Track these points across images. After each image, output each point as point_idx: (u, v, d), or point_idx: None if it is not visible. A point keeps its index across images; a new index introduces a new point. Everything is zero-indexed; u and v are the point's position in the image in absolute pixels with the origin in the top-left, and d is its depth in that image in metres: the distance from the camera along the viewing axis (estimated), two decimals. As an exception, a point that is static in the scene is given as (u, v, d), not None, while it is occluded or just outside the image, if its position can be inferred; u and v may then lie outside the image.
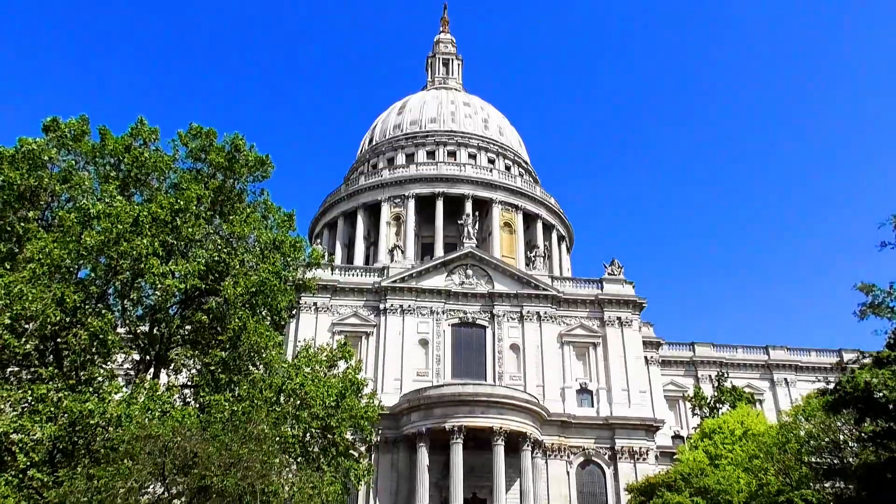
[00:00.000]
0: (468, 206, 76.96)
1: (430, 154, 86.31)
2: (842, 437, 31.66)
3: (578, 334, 61.93)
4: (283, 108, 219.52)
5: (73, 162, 27.02)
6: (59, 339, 23.02)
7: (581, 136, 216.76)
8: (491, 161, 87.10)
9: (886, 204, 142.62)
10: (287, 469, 24.14)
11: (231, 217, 28.51)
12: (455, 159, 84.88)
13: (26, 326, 22.52)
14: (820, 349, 77.58)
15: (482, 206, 79.46)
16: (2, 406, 21.29)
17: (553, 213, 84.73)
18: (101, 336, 22.23)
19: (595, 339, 61.65)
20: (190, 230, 25.41)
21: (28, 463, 20.38)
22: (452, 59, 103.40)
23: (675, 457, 55.19)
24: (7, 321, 20.92)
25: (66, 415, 20.65)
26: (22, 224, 24.79)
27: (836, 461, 31.05)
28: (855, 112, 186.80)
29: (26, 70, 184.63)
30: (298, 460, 26.68)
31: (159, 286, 23.80)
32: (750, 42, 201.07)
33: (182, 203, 25.07)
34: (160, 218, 24.40)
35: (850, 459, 29.24)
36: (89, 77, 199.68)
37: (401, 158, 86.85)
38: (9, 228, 24.68)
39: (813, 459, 33.82)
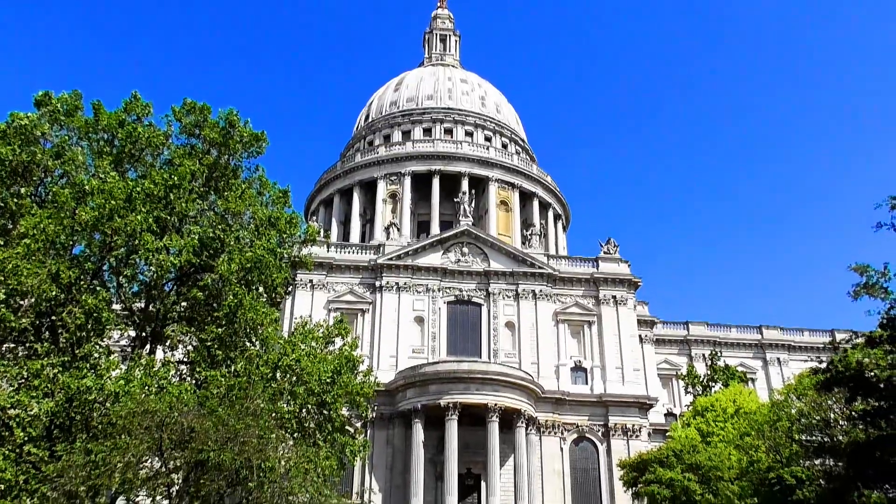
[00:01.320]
0: (465, 184, 76.83)
1: (427, 131, 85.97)
2: (832, 415, 32.03)
3: (573, 312, 62.21)
4: (278, 83, 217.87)
5: (67, 137, 26.81)
6: (54, 316, 23.02)
7: (578, 113, 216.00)
8: (488, 139, 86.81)
9: (883, 185, 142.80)
10: (283, 444, 24.31)
11: (226, 193, 28.44)
12: (452, 137, 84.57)
13: (21, 302, 22.51)
14: (813, 329, 78.20)
15: (479, 184, 79.33)
16: (-1, 382, 21.36)
17: (549, 192, 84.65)
18: (96, 313, 22.24)
19: (590, 317, 61.95)
20: (184, 206, 25.34)
21: (25, 438, 20.49)
22: (450, 35, 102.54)
23: (667, 434, 55.85)
24: (2, 297, 20.91)
25: (63, 390, 20.72)
26: (15, 200, 24.67)
27: (826, 439, 31.44)
28: (854, 90, 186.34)
29: (15, 43, 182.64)
30: (295, 436, 26.86)
31: (154, 262, 23.77)
32: (749, 17, 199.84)
33: (176, 179, 24.97)
34: (154, 194, 24.31)
35: (840, 437, 29.61)
36: (80, 51, 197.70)
37: (397, 135, 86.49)
38: (2, 204, 24.56)
39: (803, 437, 34.25)
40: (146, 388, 21.88)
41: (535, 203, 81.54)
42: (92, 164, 26.44)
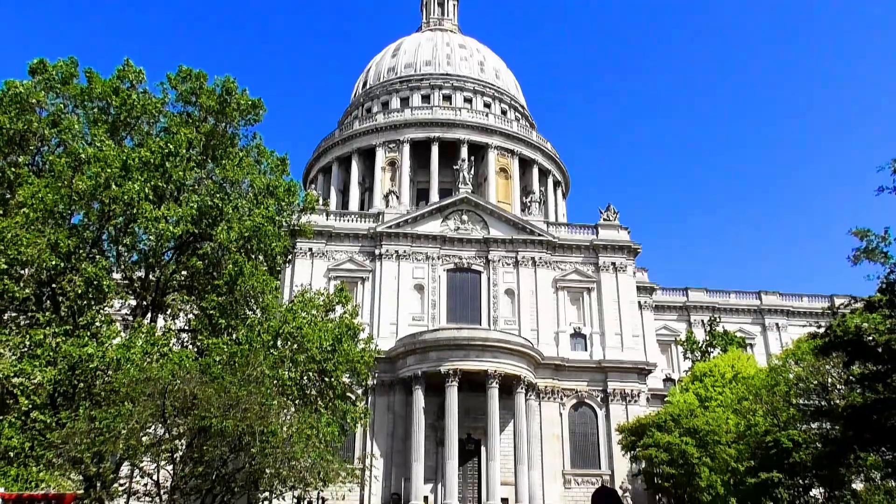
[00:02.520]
0: (464, 151, 76.40)
1: (426, 98, 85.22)
2: (830, 380, 32.27)
3: (573, 279, 62.31)
4: (274, 50, 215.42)
5: (62, 105, 26.60)
6: (55, 285, 23.06)
7: (578, 80, 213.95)
8: (487, 105, 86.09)
9: (885, 148, 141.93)
10: (285, 411, 24.51)
11: (223, 161, 28.29)
12: (450, 103, 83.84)
13: (22, 272, 22.53)
14: (812, 295, 78.40)
15: (478, 151, 78.87)
16: (1, 350, 21.45)
17: (549, 159, 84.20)
18: (96, 281, 22.26)
19: (589, 284, 62.07)
20: (181, 174, 25.22)
21: (30, 406, 20.67)
22: None
23: (666, 399, 56.39)
24: (3, 266, 20.91)
25: (65, 359, 20.83)
26: (13, 169, 24.57)
27: (823, 403, 31.74)
28: (855, 54, 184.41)
29: (4, 9, 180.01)
30: (296, 402, 27.08)
31: (152, 231, 23.73)
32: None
33: (172, 147, 24.81)
34: (151, 162, 24.16)
35: (838, 401, 29.87)
36: (73, 17, 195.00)
37: (395, 102, 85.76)
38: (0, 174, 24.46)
39: (801, 401, 34.56)
40: (148, 355, 22.01)
41: (535, 170, 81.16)
42: (88, 132, 26.24)
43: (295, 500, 35.71)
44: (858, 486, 38.26)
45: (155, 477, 21.95)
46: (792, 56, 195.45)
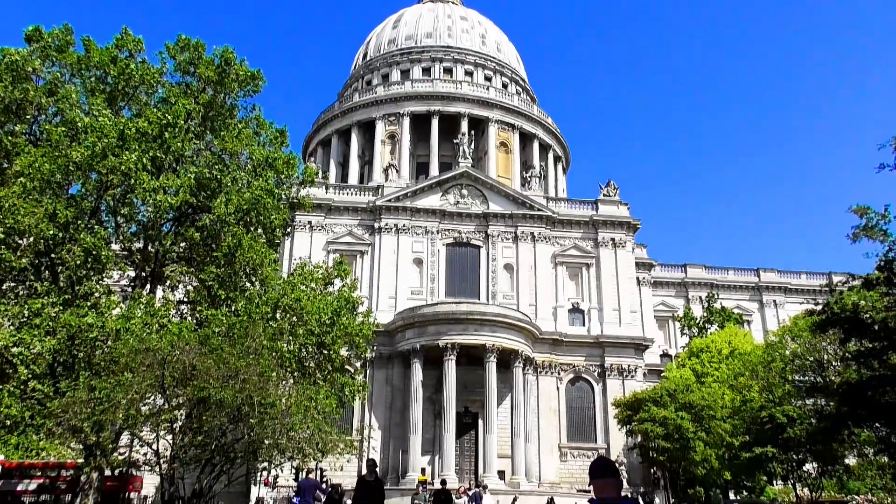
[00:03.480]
0: (464, 125, 75.97)
1: (426, 71, 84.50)
2: (826, 356, 32.40)
3: (572, 255, 62.35)
4: (273, 20, 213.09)
5: (59, 74, 26.33)
6: (53, 255, 23.04)
7: (579, 53, 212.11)
8: (488, 78, 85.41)
9: (887, 125, 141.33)
10: (284, 382, 24.62)
11: (222, 133, 28.10)
12: (451, 76, 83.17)
13: (20, 242, 22.49)
14: (810, 272, 78.55)
15: (478, 125, 78.44)
16: (0, 320, 21.48)
17: (550, 133, 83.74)
18: (94, 251, 22.23)
19: (588, 259, 62.12)
20: (179, 145, 25.06)
21: (29, 375, 20.74)
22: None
23: (662, 374, 56.75)
24: (1, 236, 20.87)
25: (64, 329, 20.87)
26: (9, 138, 24.39)
27: (818, 379, 31.90)
28: (859, 27, 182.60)
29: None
30: (295, 375, 27.20)
31: (150, 202, 23.64)
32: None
33: (171, 118, 24.60)
34: (148, 133, 23.99)
35: (833, 378, 30.04)
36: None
37: (395, 75, 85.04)
38: (-3, 143, 24.30)
39: (796, 378, 34.75)
40: (147, 326, 22.04)
41: (535, 145, 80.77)
42: (85, 101, 26.02)
43: (294, 471, 36.07)
44: (851, 461, 38.69)
45: (155, 446, 22.13)
46: (795, 30, 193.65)
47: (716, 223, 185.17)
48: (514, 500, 43.72)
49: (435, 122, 76.92)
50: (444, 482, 32.69)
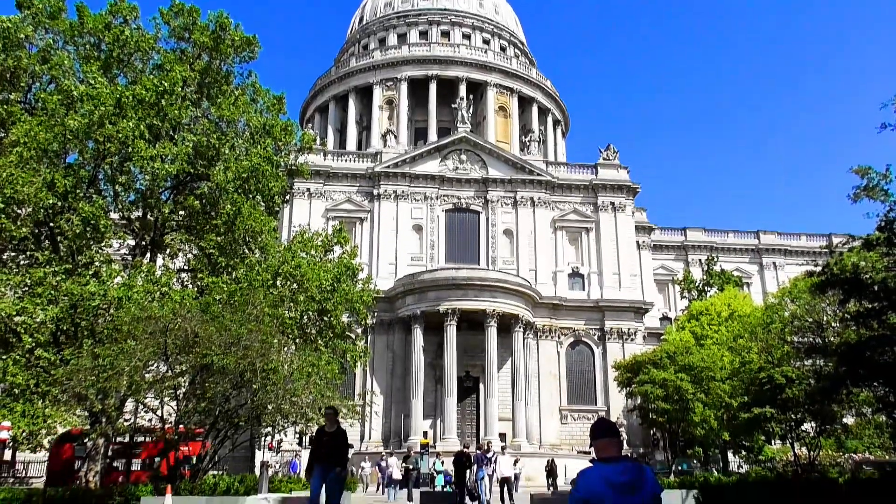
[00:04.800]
0: (462, 90, 75.29)
1: (423, 34, 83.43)
2: (825, 317, 32.48)
3: (572, 219, 62.30)
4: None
5: (52, 41, 25.97)
6: (52, 224, 23.01)
7: (577, 15, 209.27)
8: (486, 42, 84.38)
9: (889, 84, 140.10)
10: (286, 349, 24.77)
11: (219, 100, 27.85)
12: (449, 40, 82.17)
13: (19, 211, 22.44)
14: (810, 234, 78.55)
15: (476, 90, 77.74)
16: (2, 290, 21.53)
17: (549, 97, 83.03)
18: (94, 220, 22.20)
19: (588, 224, 62.09)
20: (176, 113, 24.85)
21: (33, 343, 20.85)
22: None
23: (662, 337, 57.11)
24: (0, 205, 20.82)
25: (66, 297, 20.93)
26: (5, 107, 24.18)
27: (817, 340, 32.02)
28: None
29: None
30: (297, 341, 27.37)
31: (148, 169, 23.52)
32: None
33: (167, 85, 24.34)
34: (145, 100, 23.78)
35: (832, 339, 30.14)
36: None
37: (392, 39, 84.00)
38: (-8, 112, 24.09)
39: (795, 339, 34.88)
40: (149, 294, 22.10)
41: (534, 108, 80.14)
42: (80, 69, 25.72)
43: (297, 435, 36.53)
44: (849, 420, 39.10)
45: (159, 413, 22.34)
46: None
47: (716, 186, 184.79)
48: (516, 461, 44.29)
49: (433, 87, 76.21)
50: (465, 446, 32.88)
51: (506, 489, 28.45)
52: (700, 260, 69.86)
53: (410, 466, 37.01)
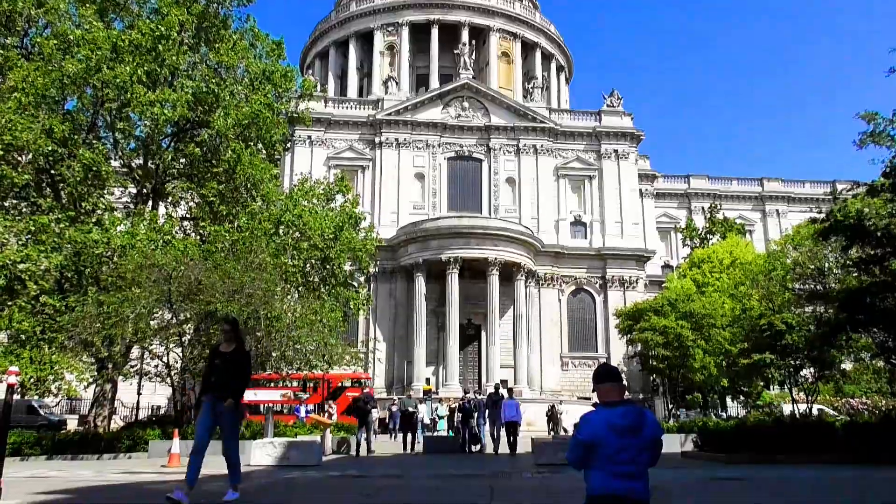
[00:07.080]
0: (464, 35, 73.85)
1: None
2: (827, 264, 32.52)
3: (574, 167, 61.89)
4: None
5: (46, -17, 25.43)
6: (53, 171, 22.92)
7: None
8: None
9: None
10: (289, 297, 24.97)
11: (217, 45, 27.45)
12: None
13: (19, 158, 22.34)
14: (814, 181, 77.96)
15: (479, 35, 76.26)
16: (6, 237, 21.58)
17: (553, 42, 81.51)
18: (94, 168, 22.12)
19: (591, 171, 61.70)
20: (174, 58, 24.50)
21: (38, 291, 21.02)
22: None
23: (663, 285, 57.32)
24: (0, 152, 20.72)
25: (70, 245, 21.01)
26: (1, 52, 23.83)
27: (818, 287, 32.12)
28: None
29: None
30: (300, 289, 27.56)
31: (147, 115, 23.31)
32: None
33: (164, 29, 23.96)
34: (142, 45, 23.40)
35: (833, 285, 30.23)
36: None
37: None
38: (-12, 57, 23.74)
39: (797, 286, 35.01)
40: (152, 242, 22.18)
41: (538, 54, 78.74)
42: (75, 13, 25.26)
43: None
44: (848, 366, 39.55)
45: (165, 359, 22.66)
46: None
47: (719, 133, 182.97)
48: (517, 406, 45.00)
49: (435, 32, 74.77)
50: (466, 391, 32.80)
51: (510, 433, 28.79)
52: (703, 208, 69.59)
53: (410, 409, 37.24)
